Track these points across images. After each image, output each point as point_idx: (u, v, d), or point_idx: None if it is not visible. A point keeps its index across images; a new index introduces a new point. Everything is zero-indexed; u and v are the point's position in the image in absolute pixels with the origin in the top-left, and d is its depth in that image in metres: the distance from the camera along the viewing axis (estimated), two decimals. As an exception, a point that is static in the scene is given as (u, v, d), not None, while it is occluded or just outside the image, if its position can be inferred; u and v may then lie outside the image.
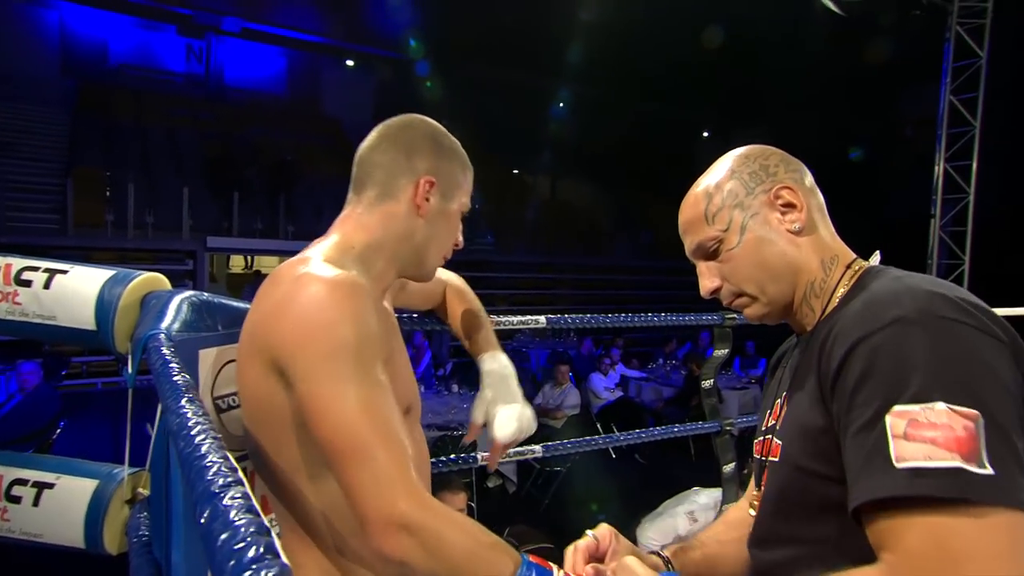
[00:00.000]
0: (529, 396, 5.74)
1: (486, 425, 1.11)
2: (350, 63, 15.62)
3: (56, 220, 9.30)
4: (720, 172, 0.82)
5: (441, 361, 8.57)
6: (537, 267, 13.61)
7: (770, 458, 0.78)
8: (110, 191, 9.56)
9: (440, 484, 2.47)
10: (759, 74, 14.01)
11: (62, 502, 1.12)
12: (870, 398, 0.60)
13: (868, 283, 0.73)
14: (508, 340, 10.22)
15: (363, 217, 0.92)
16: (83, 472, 1.15)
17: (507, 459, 1.82)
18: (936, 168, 7.50)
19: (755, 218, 0.78)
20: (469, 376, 8.63)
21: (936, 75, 7.50)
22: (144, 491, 1.12)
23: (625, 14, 11.60)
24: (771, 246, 0.78)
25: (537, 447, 1.70)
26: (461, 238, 0.99)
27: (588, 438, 1.89)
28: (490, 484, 5.50)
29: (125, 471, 1.12)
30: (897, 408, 0.57)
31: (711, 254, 0.81)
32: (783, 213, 0.79)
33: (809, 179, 0.83)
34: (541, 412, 6.23)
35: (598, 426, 6.32)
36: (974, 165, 7.31)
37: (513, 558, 0.70)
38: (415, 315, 1.28)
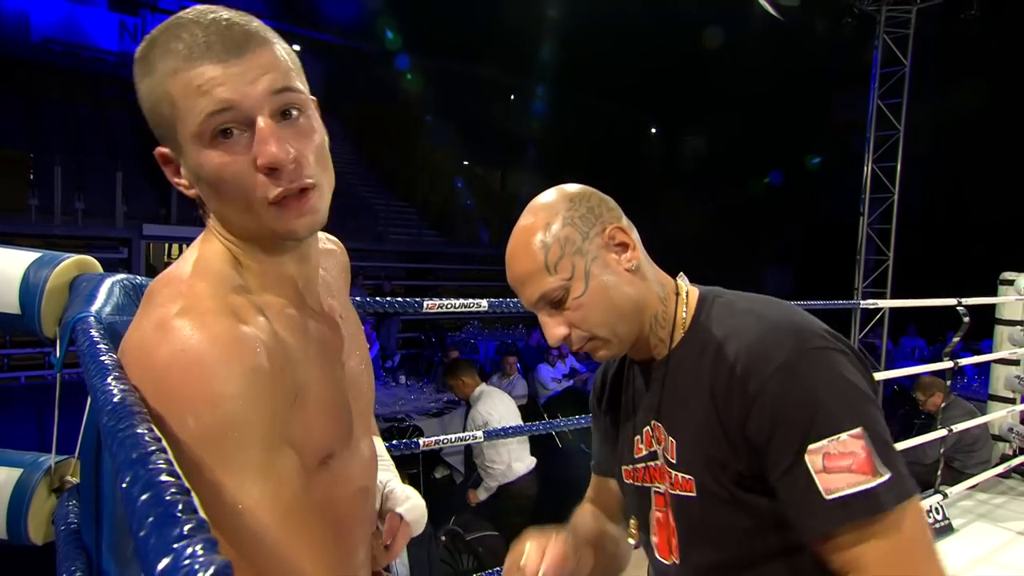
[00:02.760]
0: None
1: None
2: (297, 48, 15.17)
3: (-27, 204, 8.70)
4: (549, 219, 0.80)
5: (389, 353, 8.50)
6: (483, 259, 13.64)
7: (677, 491, 0.82)
8: (34, 175, 9.01)
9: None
10: (702, 76, 14.40)
11: (-18, 493, 1.08)
12: (785, 444, 0.69)
13: (720, 317, 0.80)
14: (457, 331, 10.21)
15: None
16: (4, 461, 1.11)
17: (451, 444, 1.85)
18: (865, 169, 7.92)
19: (595, 262, 0.79)
20: (417, 368, 8.60)
21: (866, 80, 7.91)
22: (73, 479, 1.09)
23: (577, 15, 11.71)
24: (616, 288, 0.79)
25: (479, 432, 1.74)
26: (265, 147, 0.59)
27: (529, 424, 1.94)
28: (437, 475, 5.52)
29: (52, 459, 1.09)
30: (811, 447, 0.68)
31: (557, 303, 0.80)
32: (618, 254, 0.81)
33: (625, 218, 0.84)
34: (489, 403, 6.27)
35: (545, 416, 6.42)
36: (898, 166, 7.76)
37: None
38: (362, 299, 1.28)
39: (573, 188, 0.85)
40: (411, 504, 0.90)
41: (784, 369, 0.71)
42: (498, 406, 3.91)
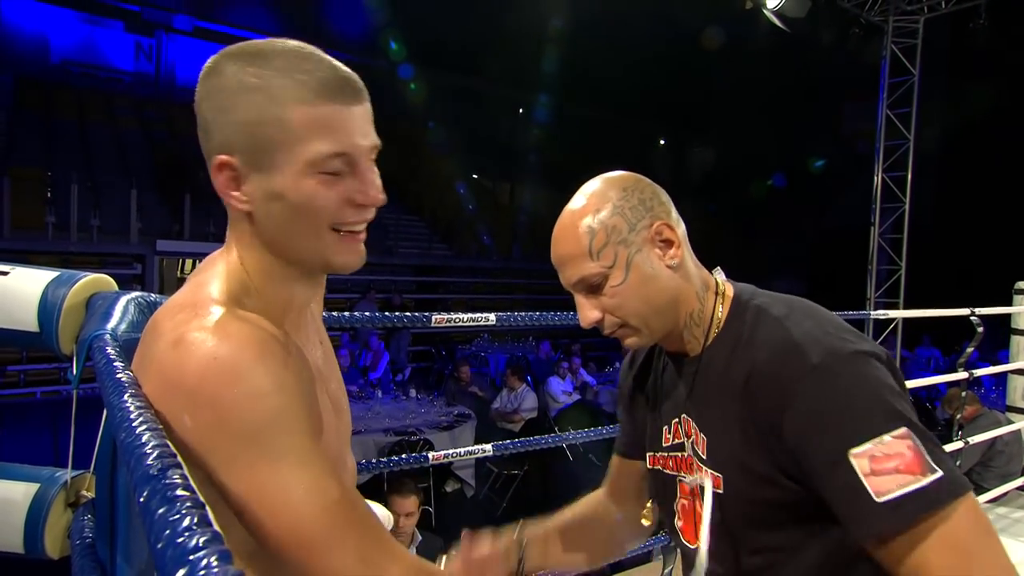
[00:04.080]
0: (488, 399, 5.77)
1: None
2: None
3: (-9, 222, 8.87)
4: (600, 205, 0.82)
5: (400, 366, 8.52)
6: (493, 272, 13.66)
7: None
8: (51, 192, 9.18)
9: (391, 488, 2.47)
10: (710, 87, 14.44)
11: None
12: (827, 449, 0.69)
13: (756, 322, 0.81)
14: (467, 344, 10.22)
15: (231, 225, 0.69)
16: (22, 476, 1.13)
17: (461, 458, 1.86)
18: (875, 178, 7.89)
19: (639, 254, 0.80)
20: (427, 382, 8.60)
21: (874, 91, 7.90)
22: (88, 493, 1.11)
23: (584, 27, 11.80)
24: (655, 282, 0.81)
25: (488, 446, 1.74)
26: (369, 190, 0.65)
27: (539, 437, 1.94)
28: (448, 488, 5.51)
29: (68, 473, 1.11)
30: (854, 451, 0.67)
31: (594, 288, 0.82)
32: (663, 250, 0.82)
33: (675, 211, 0.86)
34: (499, 416, 6.27)
35: (556, 429, 6.40)
36: (909, 176, 7.72)
37: None
38: (369, 313, 1.30)
39: (628, 177, 0.86)
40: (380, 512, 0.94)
41: (818, 372, 0.71)
42: None
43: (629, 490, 1.04)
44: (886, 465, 0.66)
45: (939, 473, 0.65)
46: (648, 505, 0.94)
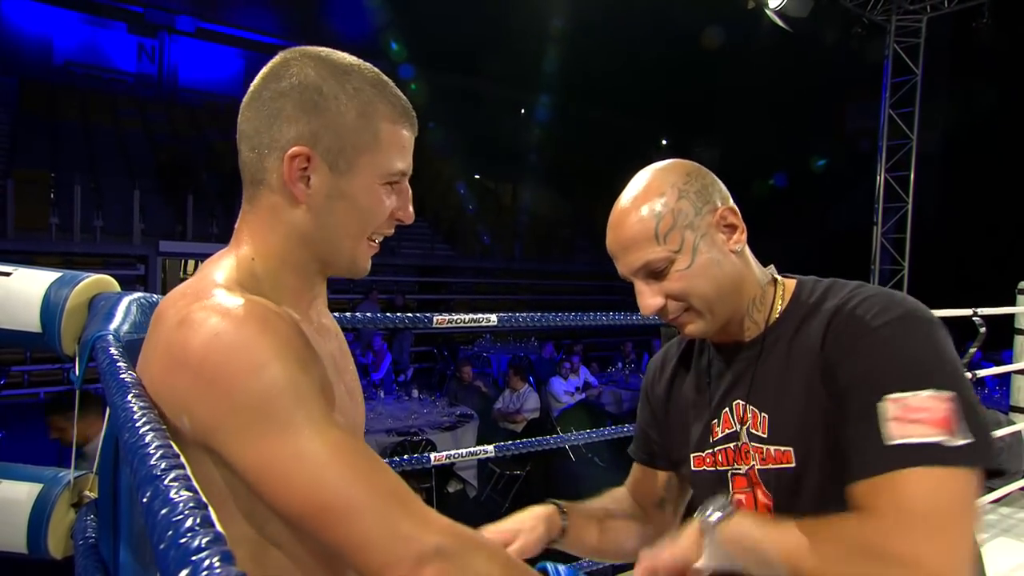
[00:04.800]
0: (491, 399, 5.76)
1: None
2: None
3: (-5, 223, 8.91)
4: (664, 190, 0.81)
5: (402, 367, 8.53)
6: (495, 273, 13.67)
7: (769, 466, 0.82)
8: (55, 193, 9.21)
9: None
10: (713, 87, 14.42)
11: (3, 507, 1.10)
12: (872, 385, 0.69)
13: (825, 295, 0.81)
14: (469, 345, 10.23)
15: (250, 216, 0.70)
16: (25, 476, 1.14)
17: (463, 459, 1.86)
18: (877, 178, 7.87)
19: (704, 238, 0.80)
20: (430, 382, 8.61)
21: (877, 90, 7.89)
22: (91, 494, 1.11)
23: (585, 26, 11.80)
24: (720, 267, 0.81)
25: (490, 447, 1.74)
26: (408, 208, 0.73)
27: (542, 438, 1.94)
28: (450, 488, 5.51)
29: (71, 474, 1.11)
30: (893, 396, 0.68)
31: (658, 273, 0.81)
32: (727, 235, 0.82)
33: (731, 198, 0.86)
34: (501, 416, 6.27)
35: (558, 429, 6.39)
36: (912, 175, 7.70)
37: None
38: (371, 314, 1.30)
39: (688, 163, 0.86)
40: None
41: (896, 323, 0.72)
42: None
43: (650, 496, 1.03)
44: (914, 416, 0.66)
45: (966, 440, 0.65)
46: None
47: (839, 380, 0.73)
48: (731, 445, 0.86)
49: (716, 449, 0.88)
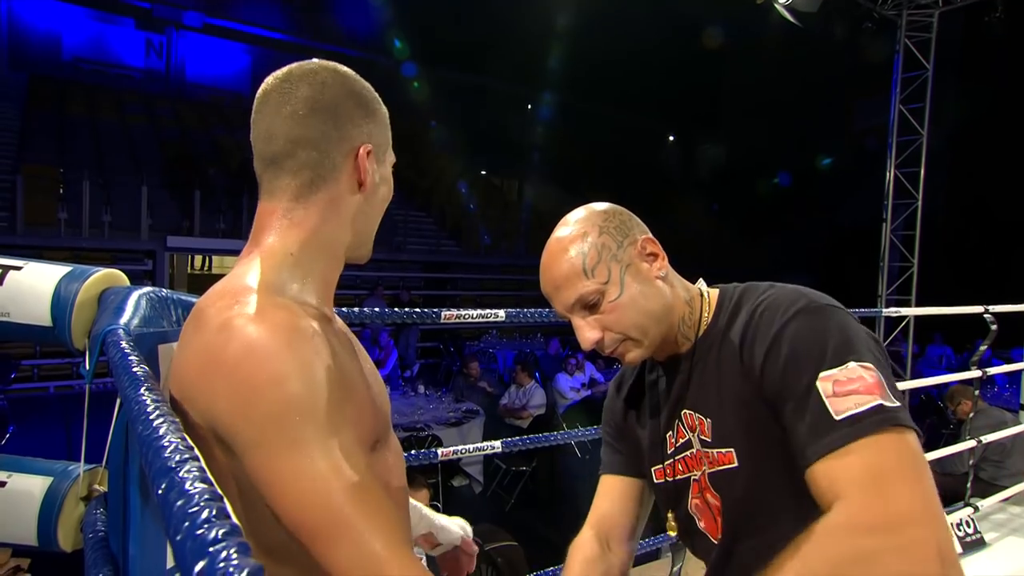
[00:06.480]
0: (497, 395, 5.78)
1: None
2: (316, 61, 15.40)
3: (5, 218, 8.97)
4: (586, 229, 0.86)
5: (408, 363, 8.55)
6: (501, 269, 13.66)
7: (716, 468, 0.86)
8: (63, 189, 9.26)
9: (403, 482, 2.47)
10: (720, 83, 14.34)
11: (13, 500, 1.10)
12: (800, 373, 0.74)
13: (741, 299, 0.88)
14: (475, 340, 10.23)
15: (294, 211, 0.74)
16: (36, 470, 1.14)
17: (469, 454, 1.86)
18: (887, 174, 7.81)
19: (629, 269, 0.85)
20: (435, 378, 8.62)
21: (887, 86, 7.81)
22: (101, 487, 1.12)
23: (594, 25, 11.75)
24: (647, 293, 0.85)
25: (497, 443, 1.74)
26: (391, 189, 0.85)
27: (547, 434, 1.94)
28: (456, 483, 5.52)
29: (81, 467, 1.12)
30: (823, 374, 0.72)
31: (591, 307, 0.85)
32: (650, 262, 0.87)
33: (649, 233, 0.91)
34: (507, 412, 6.28)
35: (564, 426, 6.39)
36: (922, 172, 7.64)
37: None
38: (379, 309, 1.29)
39: (603, 205, 0.91)
40: (462, 522, 1.06)
41: (803, 313, 0.77)
42: None
43: (615, 516, 1.01)
44: (847, 388, 0.70)
45: (896, 403, 0.70)
46: (670, 515, 0.96)
47: (766, 379, 0.77)
48: (687, 454, 0.91)
49: (675, 459, 0.93)
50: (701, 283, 0.95)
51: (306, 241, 0.73)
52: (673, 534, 0.96)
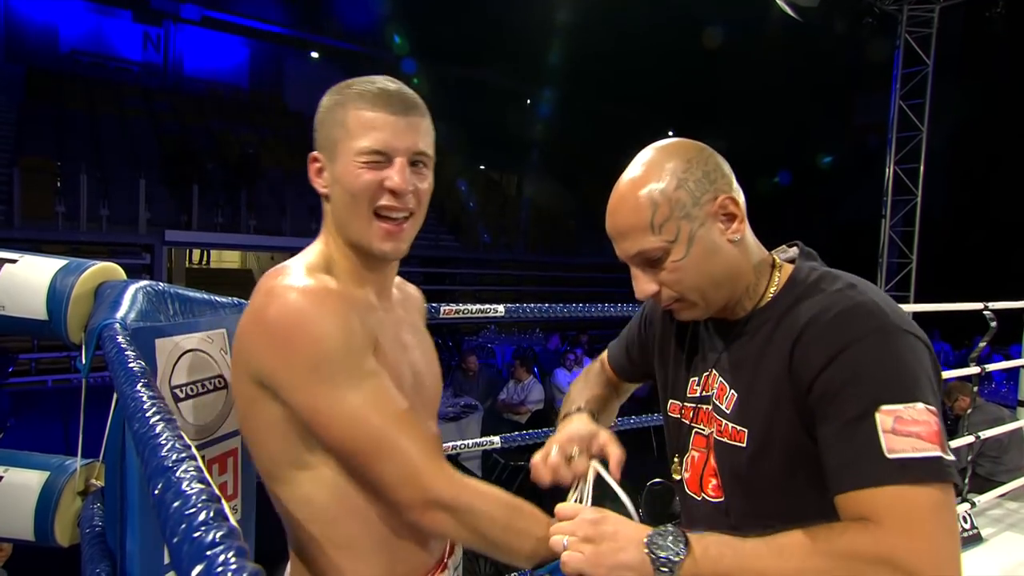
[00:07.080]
0: (496, 390, 5.73)
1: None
2: (315, 55, 15.38)
3: (2, 211, 8.93)
4: (663, 177, 0.79)
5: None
6: (500, 264, 13.65)
7: (724, 439, 0.84)
8: (61, 182, 9.22)
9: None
10: (720, 78, 14.29)
11: (10, 495, 1.10)
12: (859, 397, 0.69)
13: (813, 286, 0.81)
14: (474, 336, 10.23)
15: (325, 208, 0.87)
16: (32, 464, 1.13)
17: (468, 449, 1.85)
18: (887, 171, 7.80)
19: (702, 229, 0.79)
20: (453, 378, 8.60)
21: (887, 82, 7.80)
22: (98, 482, 1.11)
23: (592, 20, 11.70)
24: (716, 257, 0.80)
25: (495, 438, 1.74)
26: (393, 177, 0.81)
27: (546, 429, 1.94)
28: (454, 479, 5.52)
29: (78, 462, 1.11)
30: (885, 407, 0.67)
31: (653, 262, 0.80)
32: (725, 224, 0.80)
33: (735, 183, 0.84)
34: (505, 407, 6.27)
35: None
36: (921, 168, 7.63)
37: (541, 521, 0.79)
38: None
39: (690, 146, 0.83)
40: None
41: (879, 334, 0.71)
42: None
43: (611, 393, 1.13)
44: (909, 429, 0.66)
45: (952, 457, 0.67)
46: (675, 460, 0.94)
47: (816, 390, 0.72)
48: (703, 407, 0.89)
49: (688, 404, 0.92)
50: (780, 251, 0.89)
51: (331, 242, 0.86)
52: (677, 477, 0.94)
